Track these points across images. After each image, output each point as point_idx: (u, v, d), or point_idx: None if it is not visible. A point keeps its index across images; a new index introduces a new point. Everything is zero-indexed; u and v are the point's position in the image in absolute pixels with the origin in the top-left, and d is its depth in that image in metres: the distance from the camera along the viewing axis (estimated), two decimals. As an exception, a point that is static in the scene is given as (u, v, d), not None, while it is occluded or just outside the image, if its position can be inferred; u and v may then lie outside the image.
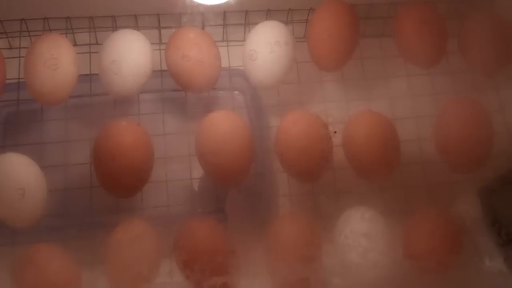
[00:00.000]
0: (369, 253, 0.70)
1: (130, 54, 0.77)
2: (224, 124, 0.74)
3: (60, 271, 0.70)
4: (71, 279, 0.70)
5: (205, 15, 0.84)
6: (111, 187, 0.73)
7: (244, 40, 0.83)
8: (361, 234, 0.71)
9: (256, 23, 0.82)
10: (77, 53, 0.78)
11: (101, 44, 0.81)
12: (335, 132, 0.78)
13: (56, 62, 0.75)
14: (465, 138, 0.77)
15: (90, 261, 0.72)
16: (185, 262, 0.70)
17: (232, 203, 0.77)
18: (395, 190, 0.78)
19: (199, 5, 0.82)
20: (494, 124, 0.78)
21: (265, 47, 0.78)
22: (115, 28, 0.83)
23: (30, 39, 0.83)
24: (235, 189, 0.77)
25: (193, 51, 0.77)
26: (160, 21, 0.85)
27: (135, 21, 0.84)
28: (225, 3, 0.83)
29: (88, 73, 0.81)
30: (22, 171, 0.71)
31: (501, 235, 0.71)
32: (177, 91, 0.80)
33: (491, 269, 0.71)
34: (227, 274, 0.69)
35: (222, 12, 0.85)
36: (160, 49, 0.82)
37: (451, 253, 0.71)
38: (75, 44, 0.83)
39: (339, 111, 0.81)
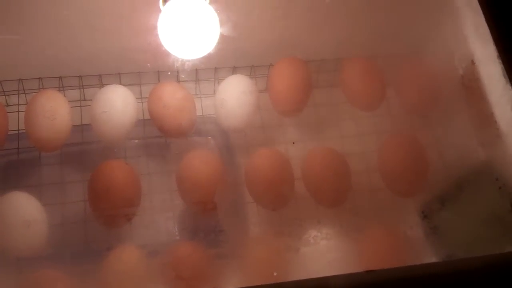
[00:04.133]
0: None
1: (118, 105, 0.89)
2: (202, 162, 0.87)
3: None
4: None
5: (179, 72, 0.97)
6: (105, 217, 0.84)
7: (214, 93, 0.97)
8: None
9: (223, 78, 0.96)
10: (69, 107, 0.91)
11: (90, 99, 0.93)
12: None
13: (54, 113, 0.87)
14: (404, 168, 0.91)
15: (87, 285, 0.82)
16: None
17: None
18: (348, 214, 0.90)
19: (175, 64, 0.95)
20: (429, 156, 0.92)
21: (233, 96, 0.92)
22: (101, 85, 0.96)
23: (25, 96, 0.95)
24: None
25: (173, 101, 0.90)
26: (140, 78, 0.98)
27: (119, 79, 0.97)
28: (197, 61, 0.96)
29: (79, 124, 0.93)
30: (27, 207, 0.82)
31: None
32: (158, 137, 0.93)
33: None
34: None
35: (195, 70, 0.98)
36: (142, 102, 0.95)
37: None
38: (65, 100, 0.95)
39: (298, 150, 0.94)
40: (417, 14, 0.91)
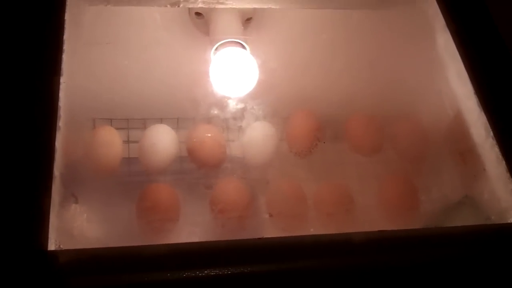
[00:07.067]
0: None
1: (164, 141, 1.07)
2: (233, 188, 1.04)
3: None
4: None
5: (212, 119, 1.16)
6: (149, 229, 1.00)
7: (238, 139, 1.15)
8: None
9: (247, 126, 1.15)
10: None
11: (134, 140, 1.12)
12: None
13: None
14: (398, 205, 1.08)
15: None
16: None
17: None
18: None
19: (208, 112, 1.13)
20: (420, 194, 1.09)
21: (259, 140, 1.10)
22: (145, 128, 1.14)
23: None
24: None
25: (207, 140, 1.09)
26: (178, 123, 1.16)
27: (160, 123, 1.15)
28: (227, 112, 1.14)
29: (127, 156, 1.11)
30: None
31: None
32: (194, 171, 1.10)
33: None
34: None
35: (224, 119, 1.17)
36: (180, 142, 1.13)
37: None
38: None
39: (308, 187, 1.12)
40: (412, 78, 1.11)
